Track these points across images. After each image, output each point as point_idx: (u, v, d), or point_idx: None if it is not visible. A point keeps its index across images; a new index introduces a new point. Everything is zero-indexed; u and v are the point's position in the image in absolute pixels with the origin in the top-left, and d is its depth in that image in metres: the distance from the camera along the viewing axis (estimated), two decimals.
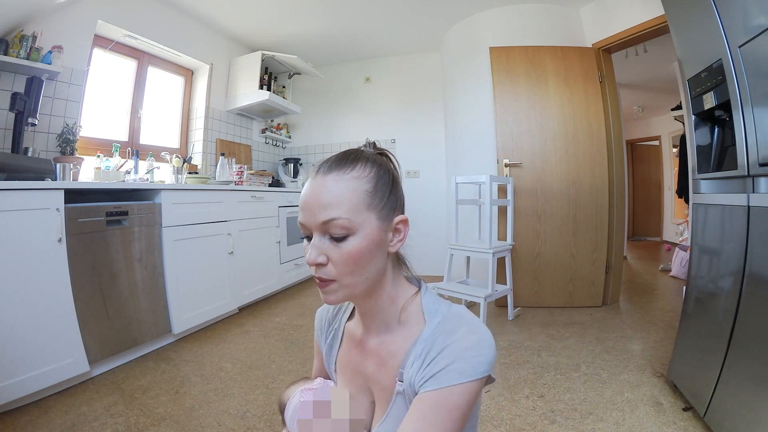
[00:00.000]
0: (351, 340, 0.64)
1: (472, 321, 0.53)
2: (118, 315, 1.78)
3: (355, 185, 0.53)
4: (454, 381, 0.47)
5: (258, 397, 1.54)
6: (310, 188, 0.54)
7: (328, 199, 0.51)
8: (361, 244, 0.51)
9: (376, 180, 0.54)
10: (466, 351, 0.49)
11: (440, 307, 0.56)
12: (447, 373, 0.47)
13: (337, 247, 0.51)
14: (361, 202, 0.52)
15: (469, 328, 0.51)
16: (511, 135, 2.71)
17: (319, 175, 0.54)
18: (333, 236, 0.51)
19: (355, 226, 0.51)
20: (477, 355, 0.48)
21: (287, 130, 4.25)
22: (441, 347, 0.50)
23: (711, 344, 1.25)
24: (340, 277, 0.52)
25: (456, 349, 0.49)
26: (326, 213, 0.51)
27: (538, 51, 2.70)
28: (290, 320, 2.50)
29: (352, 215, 0.51)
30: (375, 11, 2.99)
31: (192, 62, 3.07)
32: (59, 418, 1.37)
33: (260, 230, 2.84)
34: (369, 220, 0.52)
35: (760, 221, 1.05)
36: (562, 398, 1.50)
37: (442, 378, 0.47)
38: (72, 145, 2.10)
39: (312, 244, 0.53)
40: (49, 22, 2.02)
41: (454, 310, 0.55)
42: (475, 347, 0.49)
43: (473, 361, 0.48)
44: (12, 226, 1.38)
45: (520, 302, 2.69)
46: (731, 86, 1.12)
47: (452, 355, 0.48)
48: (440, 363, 0.49)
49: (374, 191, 0.53)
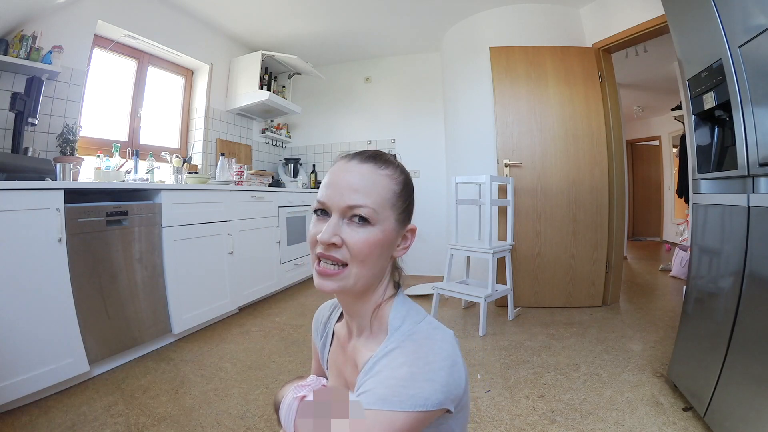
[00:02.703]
0: (338, 341, 0.66)
1: (424, 347, 0.49)
2: (118, 315, 1.78)
3: (387, 182, 0.55)
4: (372, 405, 0.43)
5: (258, 397, 1.54)
6: (343, 170, 0.54)
7: (360, 185, 0.52)
8: (378, 236, 0.53)
9: (403, 185, 0.57)
10: (393, 380, 0.45)
11: (404, 324, 0.54)
12: (368, 396, 0.45)
13: (355, 232, 0.52)
14: (388, 200, 0.54)
15: (414, 357, 0.47)
16: (511, 135, 2.71)
17: (355, 161, 0.55)
18: (354, 221, 0.52)
19: (377, 219, 0.52)
20: (406, 387, 0.44)
21: (287, 130, 4.25)
22: (378, 370, 0.49)
23: (711, 344, 1.25)
24: (351, 263, 0.52)
25: (385, 377, 0.46)
26: (356, 198, 0.52)
27: (538, 51, 2.70)
28: (290, 320, 2.50)
29: (378, 207, 0.52)
30: (375, 11, 2.99)
31: (192, 62, 3.07)
32: (59, 418, 1.37)
33: (260, 230, 2.83)
34: (389, 218, 0.54)
35: (760, 221, 1.05)
36: (562, 398, 1.50)
37: (367, 398, 0.45)
38: (72, 145, 2.10)
39: (330, 223, 0.52)
40: (49, 22, 2.02)
41: (417, 330, 0.52)
42: (407, 379, 0.45)
43: (401, 391, 0.44)
44: (12, 226, 1.38)
45: (520, 302, 2.69)
46: (731, 86, 1.11)
47: (380, 382, 0.46)
48: (368, 385, 0.47)
49: (400, 194, 0.56)
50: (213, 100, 3.23)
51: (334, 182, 0.54)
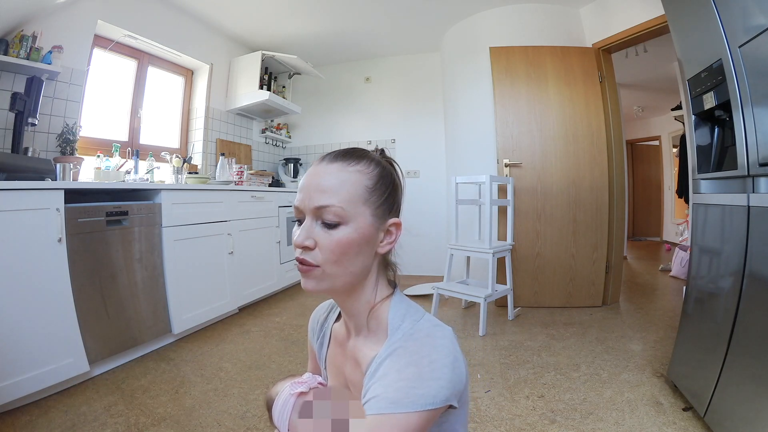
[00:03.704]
0: (335, 341, 0.66)
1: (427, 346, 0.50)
2: (118, 315, 1.78)
3: (357, 178, 0.54)
4: (384, 410, 0.44)
5: (258, 397, 1.54)
6: (311, 173, 0.55)
7: (327, 185, 0.52)
8: (352, 235, 0.52)
9: (377, 178, 0.55)
10: (401, 382, 0.46)
11: (404, 323, 0.54)
12: (379, 401, 0.45)
13: (327, 234, 0.52)
14: (359, 196, 0.53)
15: (418, 356, 0.48)
16: (511, 135, 2.71)
17: (324, 162, 0.55)
18: (325, 222, 0.52)
19: (348, 217, 0.52)
20: (415, 387, 0.45)
21: (287, 130, 4.25)
22: (384, 373, 0.49)
23: (711, 344, 1.25)
24: (324, 264, 0.52)
25: (393, 380, 0.47)
26: (323, 198, 0.52)
27: (538, 51, 2.70)
28: (290, 320, 2.50)
29: (347, 205, 0.52)
30: (375, 11, 2.99)
31: (192, 62, 3.07)
32: (59, 418, 1.37)
33: (260, 230, 2.84)
34: (363, 214, 0.53)
35: (760, 221, 1.05)
36: (562, 398, 1.50)
37: (373, 405, 0.45)
38: (72, 145, 2.10)
39: (302, 227, 0.53)
40: (49, 22, 2.02)
41: (417, 328, 0.52)
42: (414, 380, 0.46)
43: (411, 392, 0.45)
44: (12, 226, 1.38)
45: (520, 302, 2.69)
46: (731, 86, 1.11)
47: (388, 385, 0.46)
48: (376, 389, 0.47)
49: (374, 188, 0.54)
50: (213, 100, 3.23)
51: (305, 185, 0.54)
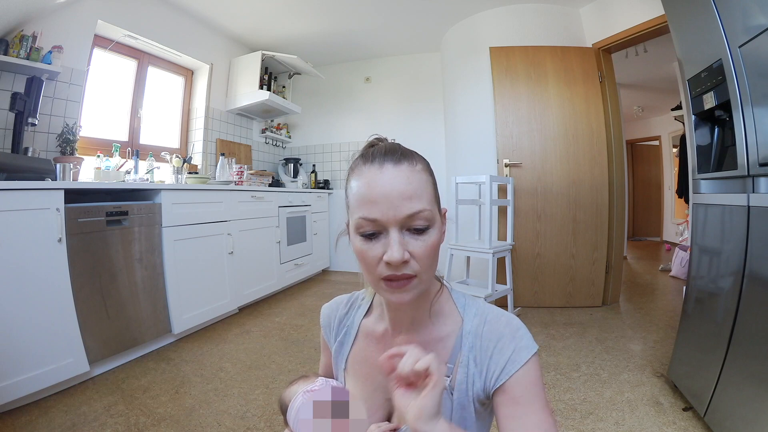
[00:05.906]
0: (368, 337, 0.62)
1: (496, 308, 0.58)
2: (118, 315, 1.78)
3: (426, 178, 0.52)
4: (527, 357, 0.51)
5: (258, 397, 1.54)
6: (383, 178, 0.48)
7: (412, 190, 0.49)
8: (437, 236, 0.51)
9: (431, 172, 0.55)
10: (518, 331, 0.53)
11: (468, 301, 0.59)
12: (518, 353, 0.51)
13: (417, 240, 0.49)
14: (433, 194, 0.53)
15: (501, 313, 0.56)
16: (511, 135, 2.71)
17: (389, 164, 0.50)
18: (414, 229, 0.49)
19: (433, 219, 0.50)
20: (526, 333, 0.53)
21: (287, 130, 4.25)
22: (497, 337, 0.53)
23: (711, 344, 1.25)
24: (420, 272, 0.49)
25: (512, 334, 0.53)
26: (412, 205, 0.48)
27: (538, 51, 2.70)
28: (290, 320, 2.50)
29: (432, 207, 0.51)
30: (375, 11, 2.99)
31: (192, 62, 3.07)
32: (59, 418, 1.37)
33: (260, 230, 2.83)
34: (438, 212, 0.53)
35: (760, 221, 1.05)
36: (562, 398, 1.50)
37: (516, 358, 0.51)
38: (72, 145, 2.10)
39: (394, 240, 0.47)
40: (49, 22, 2.02)
41: (480, 302, 0.59)
42: (520, 327, 0.54)
43: (527, 337, 0.53)
44: (12, 226, 1.38)
45: (520, 302, 2.69)
46: (731, 86, 1.12)
47: (513, 339, 0.52)
48: (506, 350, 0.52)
49: (435, 184, 0.55)
50: (213, 100, 3.23)
51: (381, 194, 0.48)
